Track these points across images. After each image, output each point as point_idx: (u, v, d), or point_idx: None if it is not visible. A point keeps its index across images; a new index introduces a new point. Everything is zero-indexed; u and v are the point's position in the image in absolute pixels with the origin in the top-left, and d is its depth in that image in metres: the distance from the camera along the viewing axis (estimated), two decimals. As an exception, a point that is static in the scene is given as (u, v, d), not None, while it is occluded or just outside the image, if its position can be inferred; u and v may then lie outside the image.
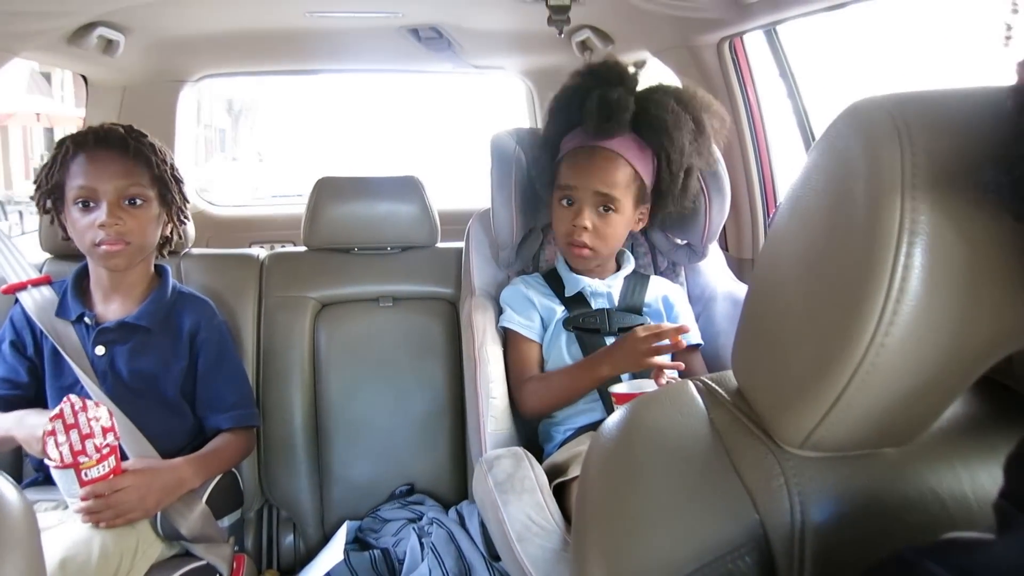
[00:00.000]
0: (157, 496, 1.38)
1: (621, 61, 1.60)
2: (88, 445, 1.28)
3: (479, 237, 1.81)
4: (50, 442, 1.26)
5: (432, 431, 1.97)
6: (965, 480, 0.60)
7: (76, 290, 1.58)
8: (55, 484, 1.34)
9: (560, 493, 1.34)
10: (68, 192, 1.51)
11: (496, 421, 1.53)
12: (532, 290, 1.65)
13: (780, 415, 0.59)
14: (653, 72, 1.92)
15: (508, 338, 1.64)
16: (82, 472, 1.28)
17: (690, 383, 0.71)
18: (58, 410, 1.28)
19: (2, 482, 0.69)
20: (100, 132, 1.53)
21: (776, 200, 2.05)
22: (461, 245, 1.91)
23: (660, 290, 1.66)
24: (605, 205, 1.53)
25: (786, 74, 1.88)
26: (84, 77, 2.64)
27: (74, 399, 1.30)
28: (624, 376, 1.49)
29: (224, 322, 1.71)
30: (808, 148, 1.91)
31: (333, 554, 1.60)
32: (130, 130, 1.57)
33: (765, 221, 2.07)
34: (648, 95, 1.55)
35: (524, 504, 1.29)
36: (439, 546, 1.60)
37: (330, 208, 1.95)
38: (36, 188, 1.55)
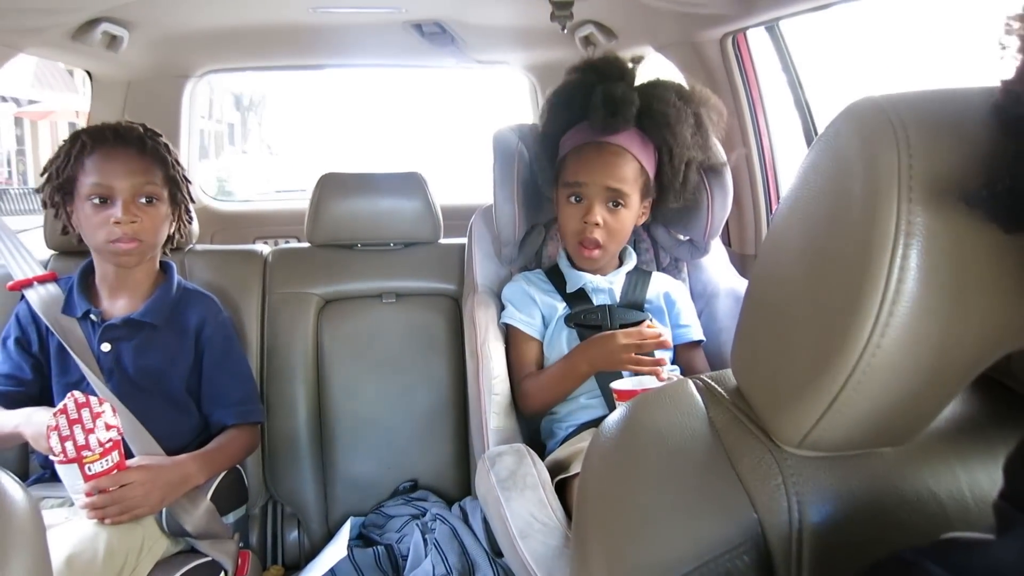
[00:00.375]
0: (162, 492, 1.39)
1: (620, 56, 1.60)
2: (91, 440, 1.28)
3: (482, 233, 1.81)
4: (53, 437, 1.26)
5: (435, 427, 1.97)
6: (963, 480, 0.60)
7: (82, 287, 1.59)
8: (61, 481, 1.35)
9: (562, 490, 1.35)
10: (81, 188, 1.51)
11: (498, 417, 1.53)
12: (534, 287, 1.65)
13: (778, 414, 0.59)
14: (652, 68, 1.90)
15: (509, 334, 1.65)
16: (86, 467, 1.29)
17: (690, 382, 0.71)
18: (61, 405, 1.28)
19: (8, 481, 0.70)
20: (118, 129, 1.53)
21: (779, 196, 2.04)
22: (464, 241, 1.91)
23: (662, 286, 1.66)
24: (615, 200, 1.53)
25: (789, 70, 1.88)
26: (88, 73, 2.65)
27: (77, 394, 1.30)
28: (624, 372, 1.49)
29: (229, 318, 1.72)
30: (810, 144, 1.91)
31: (337, 550, 1.61)
32: (145, 128, 1.58)
33: (768, 217, 2.07)
34: (650, 89, 1.55)
35: (527, 501, 1.29)
36: (442, 542, 1.61)
37: (333, 204, 1.95)
38: (45, 181, 1.56)
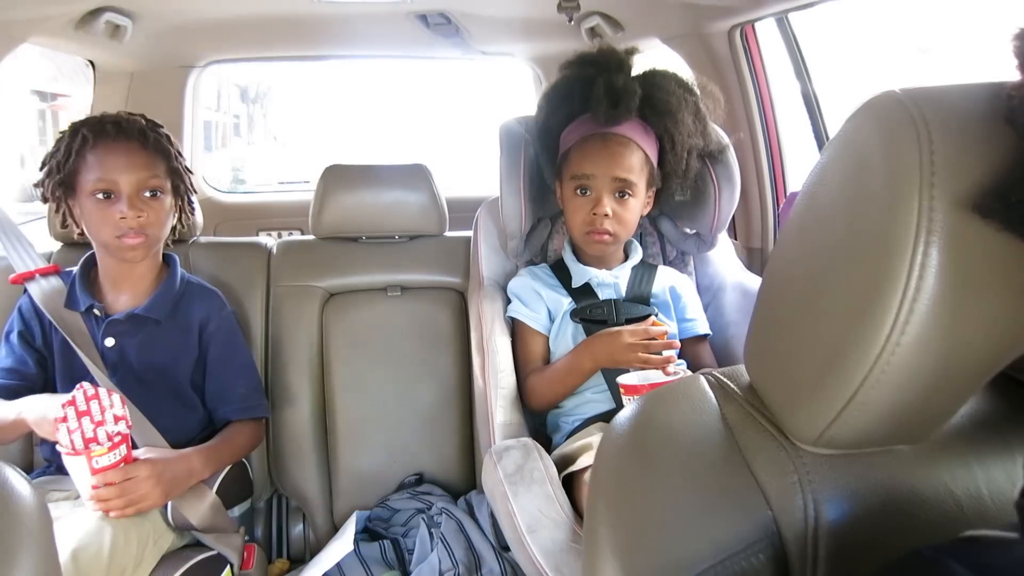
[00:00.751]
0: (168, 486, 1.38)
1: (617, 48, 1.59)
2: (100, 433, 1.28)
3: (488, 226, 1.81)
4: (62, 429, 1.25)
5: (440, 421, 1.97)
6: (980, 478, 0.59)
7: (84, 281, 1.57)
8: (66, 474, 1.34)
9: (569, 484, 1.34)
10: (83, 183, 1.48)
11: (504, 411, 1.53)
12: (539, 281, 1.64)
13: (794, 412, 0.59)
14: (655, 60, 1.89)
15: (515, 329, 1.64)
16: (93, 460, 1.28)
17: (702, 378, 0.70)
18: (71, 397, 1.27)
19: (14, 476, 0.70)
20: (119, 123, 1.50)
21: (786, 189, 2.03)
22: (469, 234, 1.90)
23: (667, 280, 1.66)
24: (622, 191, 1.53)
25: (798, 63, 1.87)
26: (91, 63, 2.64)
27: (87, 386, 1.29)
28: None
29: (233, 312, 1.71)
30: (818, 137, 1.90)
31: (343, 544, 1.60)
32: (146, 120, 1.55)
33: (775, 210, 2.06)
34: (649, 79, 1.55)
35: (534, 495, 1.29)
36: (449, 536, 1.61)
37: (338, 197, 1.95)
38: (45, 175, 1.53)
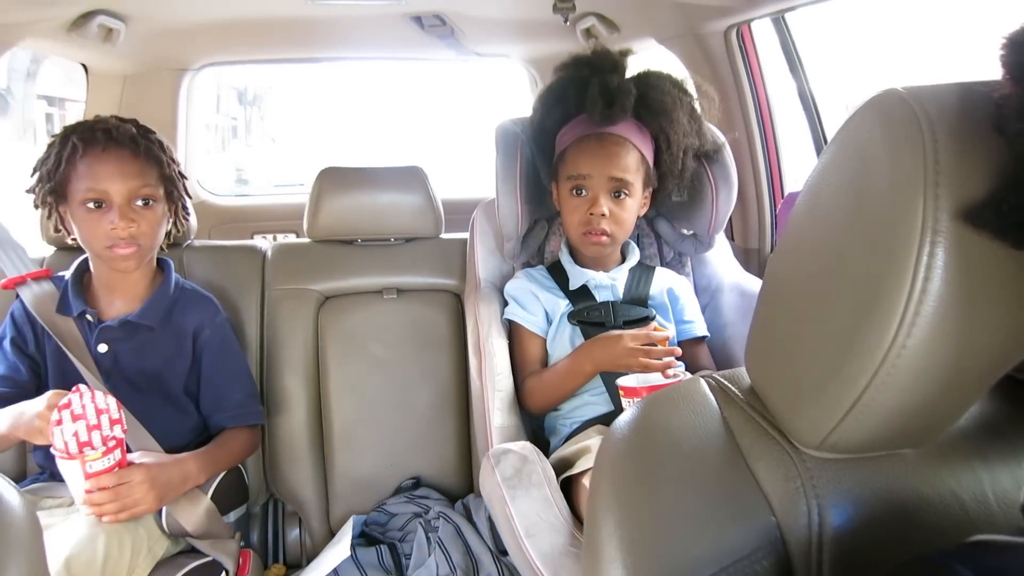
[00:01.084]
0: (162, 491, 1.37)
1: (611, 49, 1.59)
2: (95, 436, 1.27)
3: (484, 228, 1.80)
4: (56, 432, 1.24)
5: (437, 424, 1.96)
6: (985, 481, 0.59)
7: (77, 286, 1.55)
8: (60, 481, 1.33)
9: (567, 488, 1.34)
10: (74, 192, 1.45)
11: (502, 414, 1.52)
12: (536, 284, 1.64)
13: (797, 416, 0.58)
14: (652, 61, 1.89)
15: (512, 331, 1.64)
16: (87, 464, 1.27)
17: (702, 380, 0.70)
18: (66, 400, 1.26)
19: (3, 486, 0.69)
20: (109, 130, 1.46)
21: (783, 190, 2.03)
22: (466, 236, 1.89)
23: (665, 282, 1.65)
24: (619, 190, 1.53)
25: (794, 62, 1.86)
26: (84, 66, 2.63)
27: (83, 389, 1.28)
28: None
29: (228, 319, 1.69)
30: (816, 137, 1.90)
31: (340, 549, 1.59)
32: (137, 126, 1.52)
33: (772, 211, 2.06)
34: (644, 79, 1.56)
35: (532, 499, 1.28)
36: (446, 541, 1.60)
37: (333, 199, 1.94)
38: (36, 182, 1.50)
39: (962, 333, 0.48)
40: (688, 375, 1.42)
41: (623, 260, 1.66)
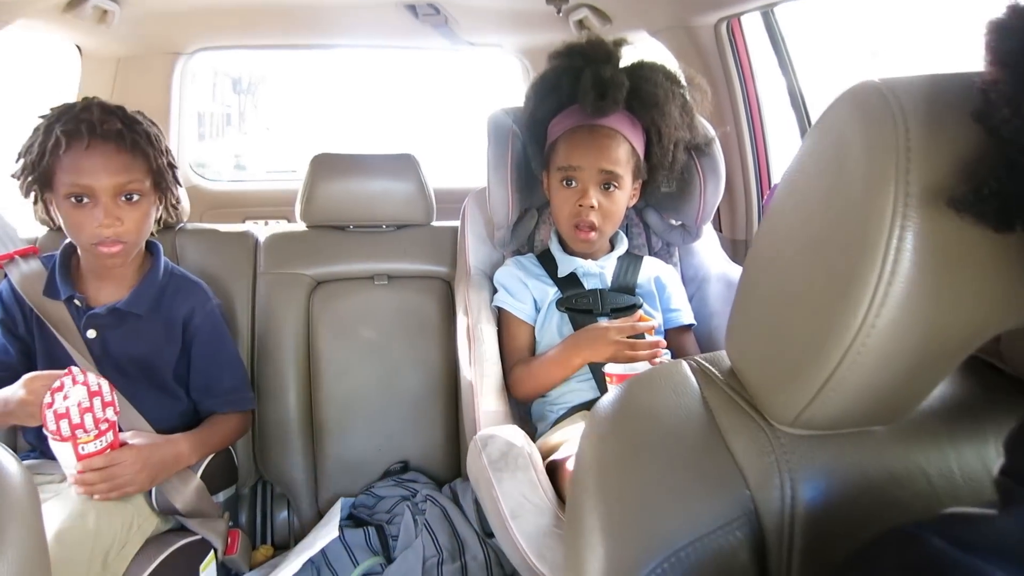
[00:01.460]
0: (153, 471, 1.38)
1: (605, 39, 1.60)
2: (87, 419, 1.28)
3: (475, 216, 1.82)
4: (49, 414, 1.25)
5: (426, 409, 1.98)
6: (952, 458, 0.61)
7: (64, 269, 1.52)
8: (50, 458, 1.34)
9: (553, 472, 1.35)
10: (59, 185, 1.42)
11: (490, 399, 1.54)
12: (525, 271, 1.65)
13: (772, 394, 0.60)
14: (643, 52, 1.90)
15: (501, 318, 1.65)
16: (79, 447, 1.28)
17: (684, 363, 0.71)
18: (59, 383, 1.27)
19: (2, 453, 0.70)
20: (94, 125, 1.40)
21: (771, 182, 2.05)
22: (457, 224, 1.91)
23: (653, 271, 1.67)
24: (608, 183, 1.54)
25: (783, 55, 1.88)
26: (79, 48, 2.62)
27: (76, 371, 1.29)
28: None
29: (218, 305, 1.68)
30: (803, 129, 1.92)
31: (328, 530, 1.61)
32: (125, 118, 1.46)
33: (759, 203, 2.07)
34: (637, 71, 1.56)
35: (518, 482, 1.30)
36: (433, 523, 1.62)
37: (325, 185, 1.95)
38: (21, 170, 1.45)
39: (930, 313, 0.50)
40: (674, 362, 1.44)
41: (612, 249, 1.67)
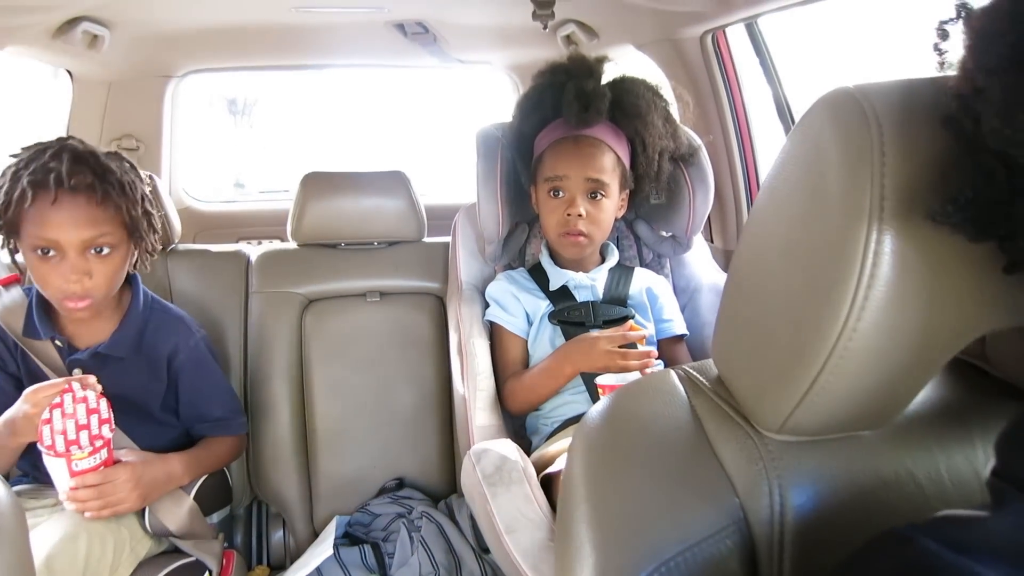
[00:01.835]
0: (146, 489, 1.37)
1: (587, 55, 1.63)
2: (82, 436, 1.27)
3: (465, 231, 1.82)
4: (45, 430, 1.25)
5: (420, 425, 1.97)
6: (940, 460, 0.61)
7: (41, 310, 1.45)
8: (43, 483, 1.34)
9: (547, 486, 1.35)
10: (25, 235, 1.34)
11: (484, 414, 1.54)
12: (517, 285, 1.66)
13: (758, 401, 0.60)
14: (629, 67, 1.91)
15: (494, 332, 1.66)
16: (73, 463, 1.28)
17: (672, 372, 0.72)
18: (59, 399, 1.26)
19: None
20: (62, 178, 1.30)
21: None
22: (448, 240, 1.91)
23: (644, 282, 1.67)
24: (595, 191, 1.55)
25: (767, 64, 1.90)
26: (69, 72, 2.63)
27: (76, 388, 1.28)
28: None
29: (203, 337, 1.62)
30: (789, 139, 1.93)
31: (323, 549, 1.61)
32: (97, 167, 1.35)
33: (749, 212, 2.08)
34: (619, 84, 1.59)
35: (513, 496, 1.29)
36: (429, 539, 1.61)
37: (316, 204, 1.95)
38: None
39: (911, 316, 0.50)
40: (666, 372, 1.44)
41: (603, 261, 1.68)
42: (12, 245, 1.39)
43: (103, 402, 1.31)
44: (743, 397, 0.62)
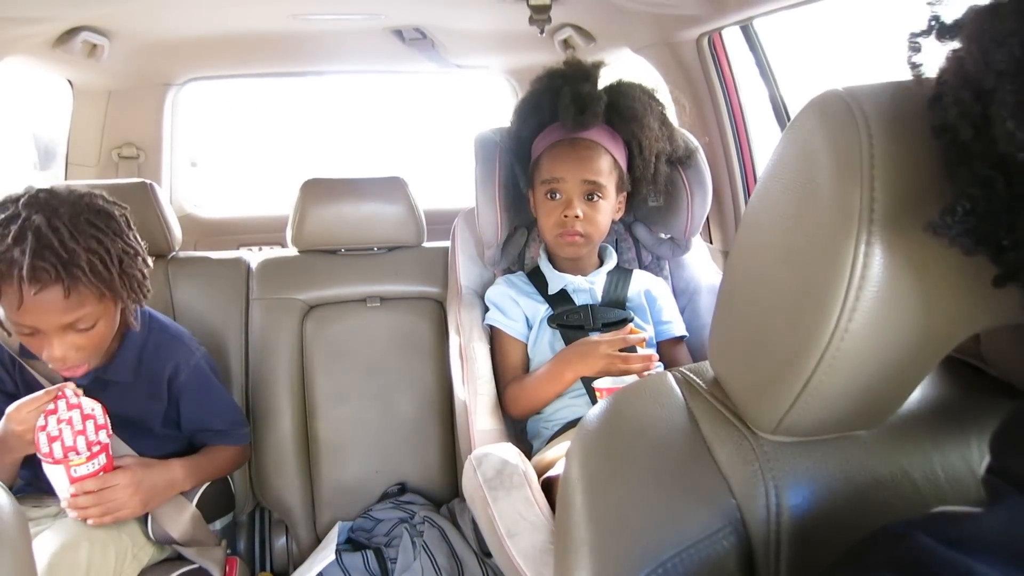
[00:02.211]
0: (147, 495, 1.37)
1: (583, 60, 1.64)
2: (80, 441, 1.27)
3: (464, 236, 1.83)
4: (42, 437, 1.25)
5: (422, 430, 1.98)
6: (935, 459, 0.61)
7: None
8: (45, 491, 1.34)
9: (548, 489, 1.35)
10: (4, 320, 1.32)
11: (485, 418, 1.54)
12: (516, 289, 1.66)
13: (753, 402, 0.60)
14: (627, 71, 1.92)
15: (494, 336, 1.66)
16: (72, 469, 1.28)
17: (669, 374, 0.72)
18: (53, 405, 1.27)
19: None
20: (23, 276, 1.19)
21: (758, 194, 2.05)
22: (447, 244, 1.92)
23: (643, 284, 1.68)
24: (592, 193, 1.56)
25: (764, 68, 1.90)
26: (70, 82, 2.64)
27: (69, 394, 1.29)
28: None
29: (204, 355, 1.60)
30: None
31: (325, 555, 1.61)
32: (63, 252, 1.22)
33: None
34: (615, 87, 1.61)
35: (514, 500, 1.30)
36: (431, 544, 1.62)
37: (316, 210, 1.96)
38: None
39: (903, 316, 0.50)
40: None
41: (601, 264, 1.68)
42: None
43: (98, 407, 1.31)
44: (738, 398, 0.63)
